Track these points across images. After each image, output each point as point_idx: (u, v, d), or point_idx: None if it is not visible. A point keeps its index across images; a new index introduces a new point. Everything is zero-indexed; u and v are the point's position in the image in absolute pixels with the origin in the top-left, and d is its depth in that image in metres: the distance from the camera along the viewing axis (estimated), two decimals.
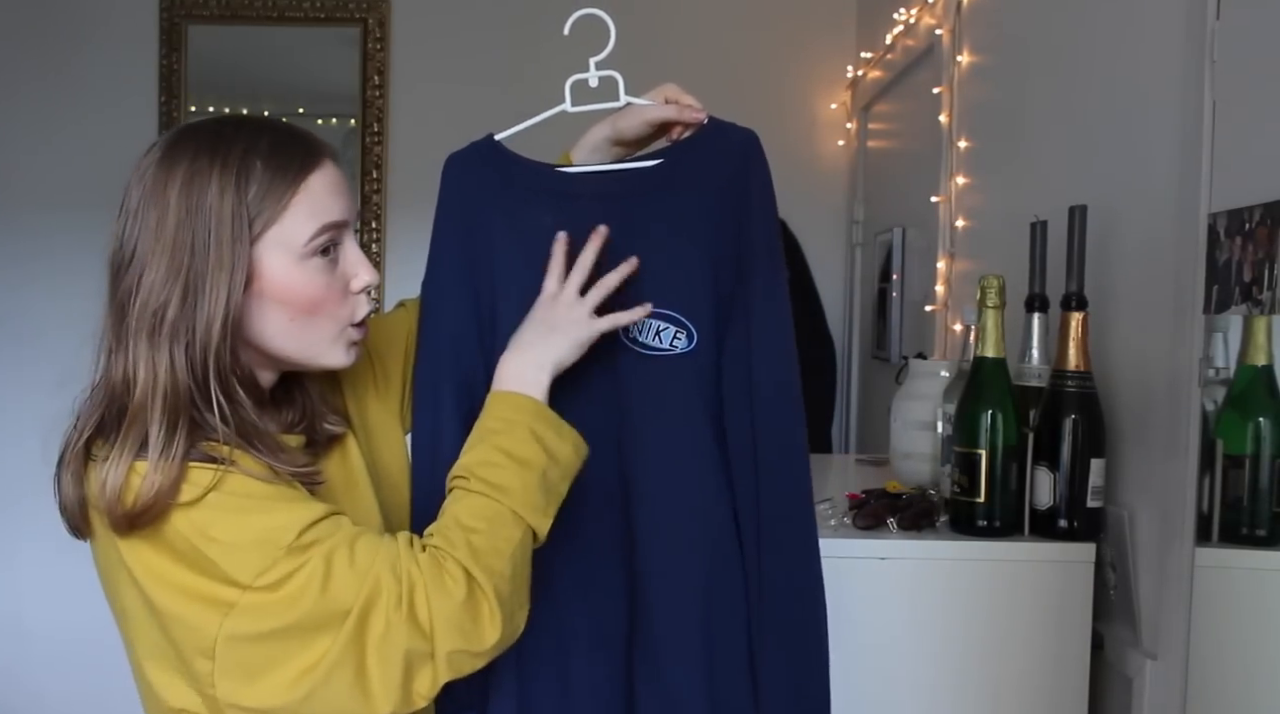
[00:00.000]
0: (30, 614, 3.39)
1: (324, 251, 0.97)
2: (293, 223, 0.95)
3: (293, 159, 0.96)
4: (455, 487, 0.97)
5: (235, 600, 0.87)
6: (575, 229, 1.06)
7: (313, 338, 0.98)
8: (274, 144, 0.96)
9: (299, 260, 0.95)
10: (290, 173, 0.95)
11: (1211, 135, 1.15)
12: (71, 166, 3.36)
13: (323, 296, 0.97)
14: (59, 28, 3.35)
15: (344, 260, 0.99)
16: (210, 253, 0.92)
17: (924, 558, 1.34)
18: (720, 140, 1.10)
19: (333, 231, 0.97)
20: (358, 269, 0.99)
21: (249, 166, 0.93)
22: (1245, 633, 1.12)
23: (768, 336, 1.08)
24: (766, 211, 1.10)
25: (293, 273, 0.95)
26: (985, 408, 1.36)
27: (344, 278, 0.99)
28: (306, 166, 0.96)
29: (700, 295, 1.07)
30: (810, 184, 3.34)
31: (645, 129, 1.15)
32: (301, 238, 0.95)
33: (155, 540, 0.89)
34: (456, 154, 1.13)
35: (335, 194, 0.98)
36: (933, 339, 2.25)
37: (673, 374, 1.07)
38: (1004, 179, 1.94)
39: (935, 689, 1.34)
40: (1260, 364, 1.08)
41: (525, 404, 0.98)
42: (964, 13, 2.15)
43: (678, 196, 1.08)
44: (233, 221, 0.92)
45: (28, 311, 3.38)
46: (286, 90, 3.41)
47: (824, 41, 3.33)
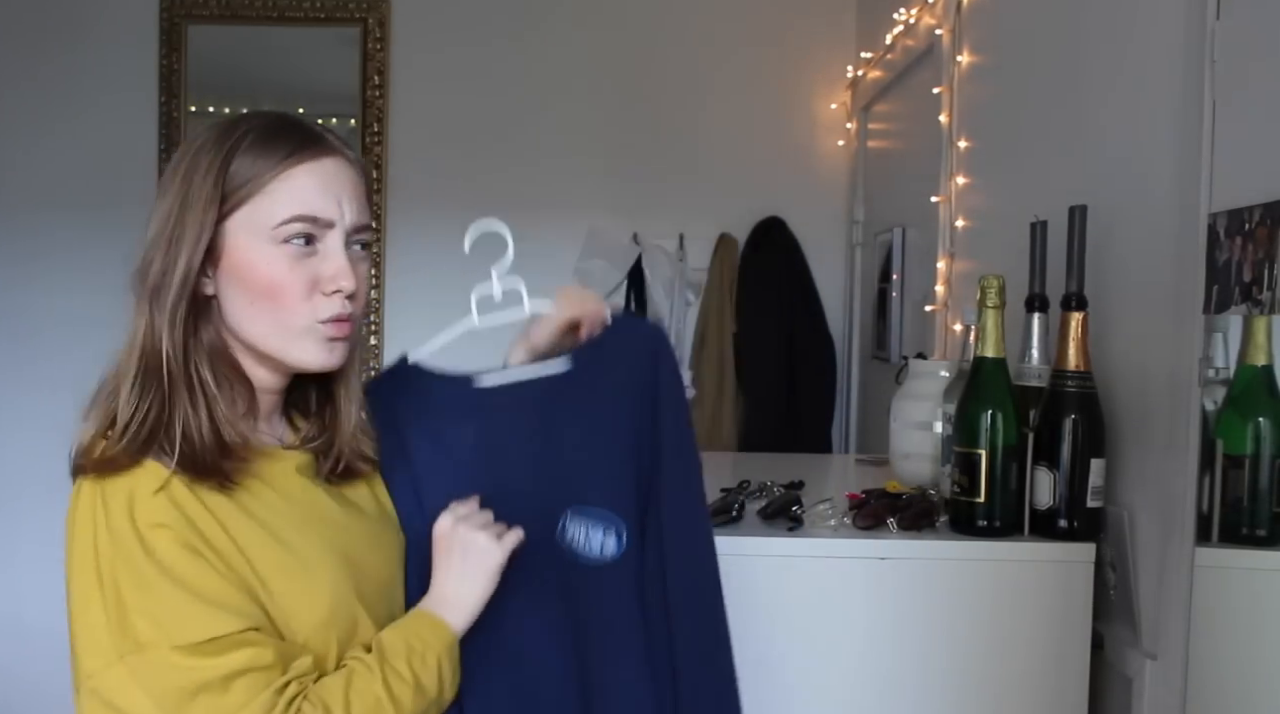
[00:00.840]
0: (30, 614, 3.39)
1: (302, 242, 0.97)
2: (267, 205, 0.97)
3: (283, 145, 0.98)
4: (365, 661, 0.97)
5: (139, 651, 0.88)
6: (497, 439, 1.10)
7: (276, 327, 0.98)
8: (271, 129, 0.98)
9: (265, 243, 0.96)
10: (276, 157, 0.97)
11: (1211, 135, 1.15)
12: (71, 166, 3.36)
13: (282, 283, 0.97)
14: (59, 28, 3.35)
15: (325, 260, 0.99)
16: (185, 221, 0.96)
17: (924, 558, 1.34)
18: (627, 336, 1.14)
19: (308, 224, 0.97)
20: (334, 272, 0.98)
21: (238, 146, 0.97)
22: (1245, 633, 1.12)
23: (683, 532, 1.11)
24: (676, 402, 1.13)
25: (254, 253, 0.97)
26: (985, 408, 1.36)
27: (316, 274, 0.98)
28: (297, 156, 0.97)
29: (624, 490, 1.09)
30: (810, 184, 3.34)
31: (556, 336, 1.16)
32: (271, 221, 0.96)
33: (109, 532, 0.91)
34: (375, 382, 1.14)
35: (325, 191, 0.98)
36: (933, 339, 2.25)
37: (608, 584, 1.08)
38: (1004, 179, 1.94)
39: (935, 689, 1.34)
40: (1260, 364, 1.08)
41: (446, 636, 1.00)
42: (964, 13, 2.15)
43: (592, 396, 1.11)
44: (210, 192, 0.95)
45: (26, 311, 3.38)
46: (286, 90, 3.41)
47: (824, 41, 3.33)
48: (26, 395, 3.39)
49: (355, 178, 1.03)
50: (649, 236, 3.33)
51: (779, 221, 3.31)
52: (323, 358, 1.00)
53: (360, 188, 1.03)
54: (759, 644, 1.32)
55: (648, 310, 3.33)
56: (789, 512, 1.40)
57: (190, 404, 0.95)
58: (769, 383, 3.24)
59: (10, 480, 3.39)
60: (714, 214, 3.33)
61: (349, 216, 1.00)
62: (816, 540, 1.35)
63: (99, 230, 3.38)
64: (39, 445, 3.36)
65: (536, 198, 3.23)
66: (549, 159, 3.33)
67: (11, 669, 3.37)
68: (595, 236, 3.33)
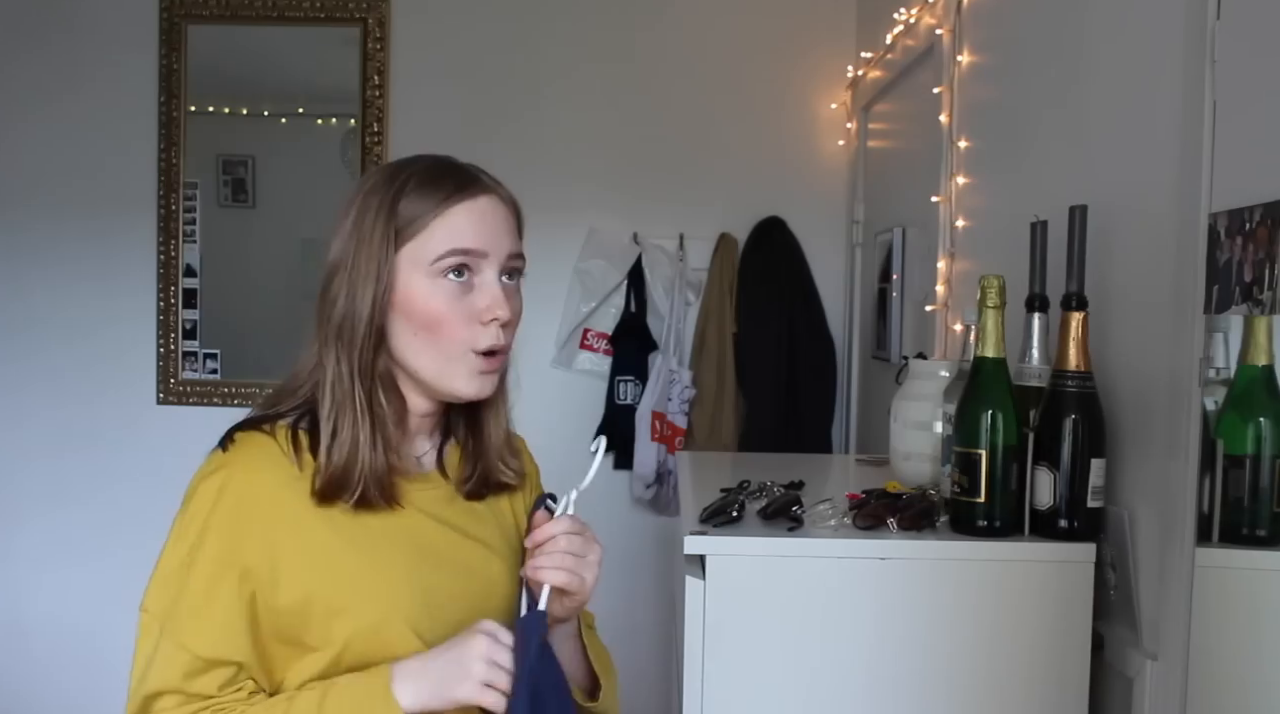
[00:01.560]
0: (30, 614, 3.39)
1: (457, 274, 1.05)
2: (428, 241, 1.05)
3: (443, 187, 1.06)
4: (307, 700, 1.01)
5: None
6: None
7: (437, 358, 1.06)
8: (432, 172, 1.08)
9: (425, 277, 1.05)
10: (437, 197, 1.06)
11: (1211, 135, 1.15)
12: (71, 166, 3.37)
13: (442, 316, 1.05)
14: (59, 28, 3.35)
15: (479, 291, 1.06)
16: (360, 259, 1.05)
17: (924, 558, 1.34)
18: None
19: (463, 256, 1.05)
20: (489, 302, 1.06)
21: (404, 188, 1.06)
22: (1245, 633, 1.12)
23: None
24: None
25: (418, 287, 1.05)
26: (985, 408, 1.36)
27: (473, 306, 1.06)
28: (455, 196, 1.06)
29: None
30: (810, 184, 3.34)
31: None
32: (430, 256, 1.05)
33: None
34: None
35: (478, 227, 1.06)
36: (933, 339, 2.25)
37: None
38: (1004, 179, 1.94)
39: (935, 689, 1.34)
40: (1261, 364, 1.08)
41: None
42: (964, 13, 2.15)
43: None
44: (383, 232, 1.05)
45: (26, 312, 3.39)
46: (286, 90, 3.41)
47: (824, 41, 3.33)
48: (28, 398, 3.39)
49: (507, 213, 1.11)
50: (649, 236, 3.33)
51: (779, 221, 3.31)
52: (474, 388, 1.08)
53: (511, 223, 1.11)
54: (758, 644, 1.32)
55: (648, 310, 3.34)
56: (789, 512, 1.40)
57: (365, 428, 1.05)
58: (769, 383, 3.24)
59: (11, 481, 3.39)
60: (714, 214, 3.33)
61: (502, 248, 1.08)
62: (816, 540, 1.35)
63: (100, 230, 3.38)
64: (39, 445, 3.37)
65: (536, 197, 3.20)
66: (549, 159, 3.33)
67: (12, 669, 3.37)
68: (595, 236, 3.34)
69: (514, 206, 1.13)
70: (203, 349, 3.40)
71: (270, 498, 1.04)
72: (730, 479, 1.64)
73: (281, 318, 3.43)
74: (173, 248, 3.37)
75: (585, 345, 3.38)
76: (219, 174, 3.40)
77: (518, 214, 1.14)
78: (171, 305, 3.38)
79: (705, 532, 1.35)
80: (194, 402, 3.39)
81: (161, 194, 3.36)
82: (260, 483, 1.05)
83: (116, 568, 3.32)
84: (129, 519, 3.32)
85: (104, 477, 3.35)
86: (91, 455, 3.36)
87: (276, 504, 1.04)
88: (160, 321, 3.39)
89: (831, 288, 3.33)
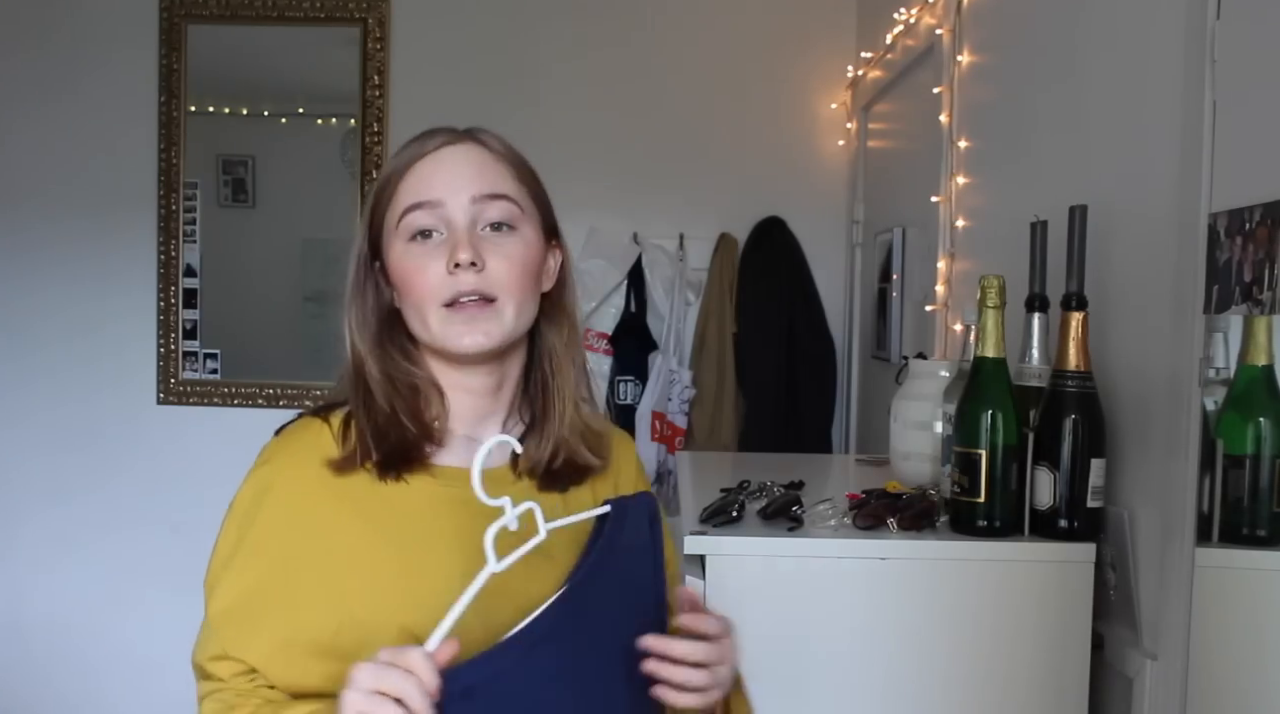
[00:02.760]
0: (29, 613, 3.39)
1: (424, 236, 1.00)
2: (393, 204, 1.02)
3: (412, 149, 1.02)
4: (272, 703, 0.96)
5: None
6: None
7: (418, 318, 1.01)
8: (408, 142, 1.04)
9: (399, 241, 1.01)
10: (403, 159, 1.02)
11: (1211, 135, 1.15)
12: (71, 166, 3.36)
13: (408, 274, 1.00)
14: (59, 28, 3.35)
15: (445, 243, 0.99)
16: (357, 237, 1.04)
17: (924, 558, 1.34)
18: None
19: (418, 211, 1.00)
20: (450, 248, 0.98)
21: (391, 160, 1.04)
22: (1245, 633, 1.12)
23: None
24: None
25: (393, 252, 1.02)
26: (985, 408, 1.36)
27: (440, 259, 0.98)
28: (417, 155, 1.01)
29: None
30: (810, 184, 3.34)
31: None
32: (395, 218, 1.01)
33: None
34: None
35: (432, 178, 1.00)
36: (933, 339, 2.25)
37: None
38: (1004, 179, 1.94)
39: (935, 689, 1.34)
40: (1261, 364, 1.08)
41: None
42: (964, 13, 2.15)
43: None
44: (371, 203, 1.04)
45: (27, 311, 3.39)
46: (286, 90, 3.41)
47: (824, 41, 3.33)
48: (28, 398, 3.39)
49: (481, 158, 1.02)
50: (649, 236, 3.33)
51: (779, 221, 3.31)
52: (456, 339, 0.99)
53: (488, 166, 1.02)
54: (758, 644, 1.32)
55: (648, 310, 3.34)
56: (789, 512, 1.40)
57: (379, 400, 1.01)
58: (769, 383, 3.24)
59: (11, 481, 3.39)
60: (714, 214, 3.33)
61: (463, 192, 0.99)
62: (816, 540, 1.35)
63: (100, 230, 3.38)
64: (39, 445, 3.37)
65: None
66: (549, 158, 3.28)
67: (12, 669, 3.37)
68: (595, 236, 3.33)
69: (506, 156, 1.04)
70: (203, 349, 3.40)
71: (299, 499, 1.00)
72: (730, 479, 1.64)
73: (281, 318, 3.43)
74: (173, 248, 3.37)
75: (585, 345, 3.37)
76: (219, 174, 3.39)
77: (507, 158, 1.04)
78: (171, 305, 3.38)
79: (705, 532, 1.35)
80: (194, 401, 3.39)
81: (161, 194, 3.36)
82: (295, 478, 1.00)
83: (116, 567, 3.33)
84: (129, 519, 3.32)
85: (104, 476, 3.35)
86: (91, 455, 3.36)
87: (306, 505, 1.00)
88: (160, 321, 3.39)
89: (831, 288, 3.33)
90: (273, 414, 2.00)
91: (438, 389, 1.04)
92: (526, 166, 1.07)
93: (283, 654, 0.97)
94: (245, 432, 1.55)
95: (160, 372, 3.39)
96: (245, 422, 3.28)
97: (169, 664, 3.28)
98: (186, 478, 3.28)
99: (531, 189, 1.06)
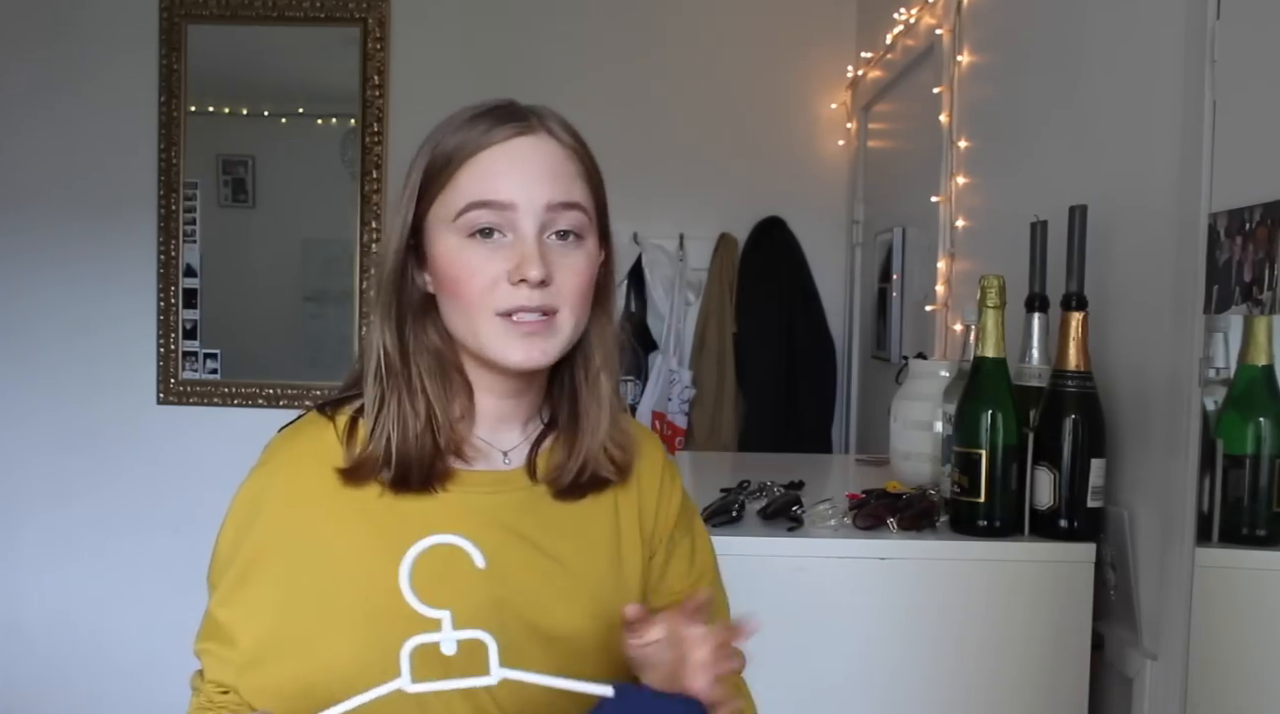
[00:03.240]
0: (30, 613, 3.39)
1: (485, 234, 0.91)
2: (452, 194, 0.93)
3: (475, 130, 0.94)
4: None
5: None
6: None
7: (466, 322, 0.93)
8: (472, 116, 0.96)
9: (453, 234, 0.92)
10: (467, 146, 0.93)
11: (1211, 135, 1.15)
12: (71, 166, 3.37)
13: (462, 275, 0.92)
14: (60, 28, 3.35)
15: (510, 248, 0.91)
16: (395, 216, 0.96)
17: (924, 558, 1.34)
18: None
19: (484, 209, 0.91)
20: (519, 260, 0.90)
21: (442, 137, 0.95)
22: (1245, 633, 1.12)
23: None
24: None
25: (443, 246, 0.93)
26: (985, 408, 1.36)
27: (502, 265, 0.91)
28: (483, 141, 0.93)
29: None
30: (810, 184, 3.34)
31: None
32: (453, 210, 0.92)
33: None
34: None
35: (505, 175, 0.92)
36: (933, 339, 2.25)
37: None
38: (1004, 179, 1.94)
39: (935, 689, 1.34)
40: (1260, 364, 1.08)
41: None
42: (964, 13, 2.15)
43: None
44: (414, 185, 0.95)
45: (27, 311, 3.39)
46: (286, 90, 3.41)
47: (824, 41, 3.33)
48: (29, 399, 3.39)
49: (558, 156, 0.95)
50: (649, 236, 3.33)
51: (779, 221, 3.31)
52: (518, 355, 0.92)
53: (565, 167, 0.95)
54: (758, 644, 1.32)
55: (648, 310, 3.34)
56: (789, 512, 1.40)
57: (410, 404, 0.93)
58: (769, 383, 3.24)
59: (11, 482, 3.39)
60: (714, 214, 3.33)
61: (538, 198, 0.92)
62: (816, 540, 1.35)
63: (100, 230, 3.38)
64: (39, 445, 3.37)
65: None
66: None
67: (12, 669, 3.37)
68: None
69: (578, 152, 0.97)
70: (203, 349, 3.40)
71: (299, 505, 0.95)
72: (730, 479, 1.64)
73: (281, 318, 3.43)
74: (173, 248, 3.37)
75: None
76: (219, 174, 3.40)
77: (578, 155, 0.98)
78: (172, 305, 3.38)
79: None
80: (194, 401, 3.39)
81: (161, 194, 3.36)
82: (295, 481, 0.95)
83: (116, 567, 3.33)
84: (129, 519, 3.32)
85: (104, 476, 3.35)
86: (92, 455, 3.36)
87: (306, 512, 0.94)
88: (160, 321, 3.39)
89: (831, 288, 3.33)
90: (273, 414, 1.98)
91: (468, 389, 0.98)
92: (593, 162, 1.01)
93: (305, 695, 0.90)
94: (245, 432, 1.56)
95: (160, 372, 3.39)
96: (245, 422, 3.28)
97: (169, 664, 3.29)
98: (186, 478, 3.29)
99: (596, 192, 1.00)
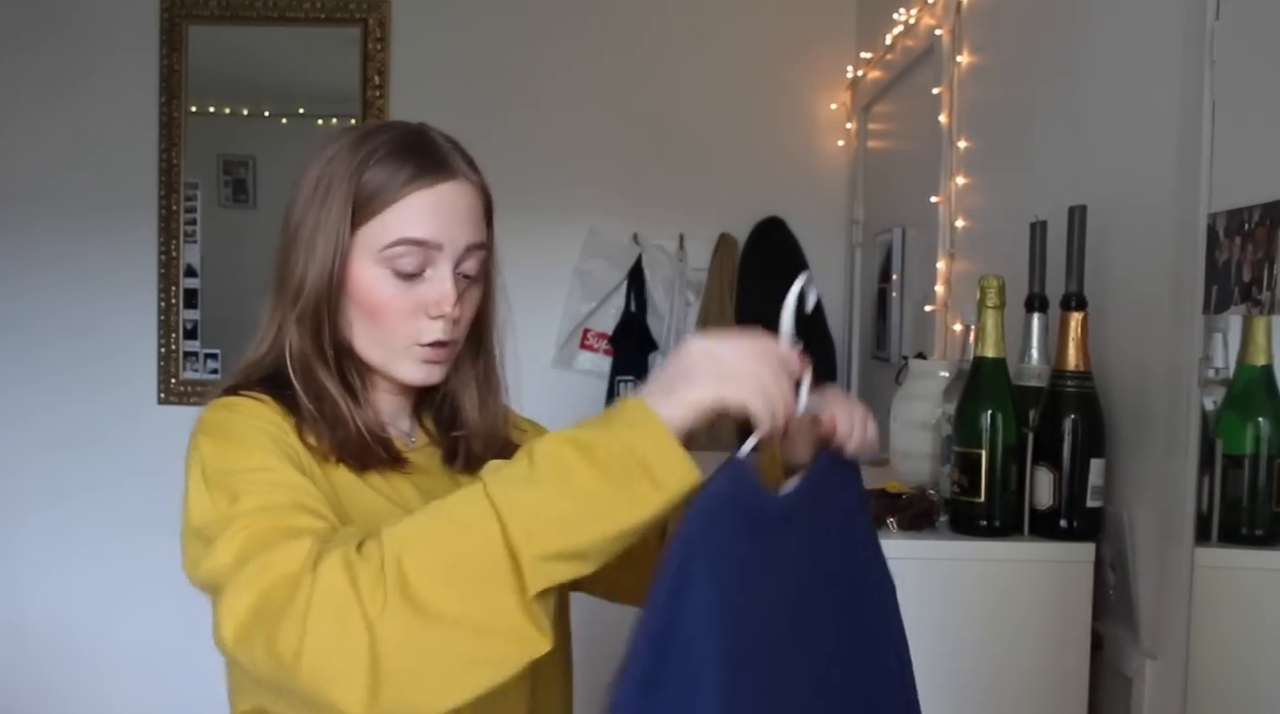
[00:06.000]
0: (30, 614, 3.39)
1: (407, 266, 0.99)
2: (381, 226, 0.99)
3: (406, 167, 0.99)
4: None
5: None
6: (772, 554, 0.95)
7: (380, 346, 1.02)
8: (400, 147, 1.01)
9: (375, 264, 0.99)
10: (398, 179, 0.99)
11: (1211, 135, 1.16)
12: (71, 166, 3.37)
13: (386, 305, 1.00)
14: (59, 28, 3.36)
15: (429, 283, 1.00)
16: (321, 227, 0.99)
17: (924, 558, 1.34)
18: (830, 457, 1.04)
19: (413, 246, 0.98)
20: (439, 296, 1.00)
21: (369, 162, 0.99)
22: (1245, 633, 1.12)
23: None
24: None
25: (366, 273, 1.00)
26: (985, 408, 1.37)
27: (422, 298, 1.00)
28: (415, 181, 0.99)
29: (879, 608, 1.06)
30: (810, 184, 3.34)
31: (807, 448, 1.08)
32: (381, 242, 0.99)
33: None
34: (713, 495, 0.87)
35: (433, 217, 0.99)
36: (933, 339, 2.25)
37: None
38: (1004, 179, 1.94)
39: (935, 689, 1.34)
40: (1260, 364, 1.08)
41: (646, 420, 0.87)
42: (964, 13, 2.15)
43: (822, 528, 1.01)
44: (343, 203, 0.99)
45: (27, 311, 3.39)
46: (286, 90, 3.41)
47: (824, 41, 3.33)
48: (29, 398, 3.39)
49: (472, 201, 1.03)
50: (649, 237, 3.33)
51: (779, 221, 3.31)
52: (420, 376, 1.03)
53: (477, 211, 1.04)
54: None
55: (648, 310, 3.34)
56: None
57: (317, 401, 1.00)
58: None
59: (11, 482, 3.39)
60: (714, 214, 3.33)
61: (459, 240, 1.01)
62: None
63: (100, 230, 3.38)
64: (39, 445, 3.37)
65: (536, 198, 3.24)
66: (549, 159, 3.33)
67: (12, 669, 3.37)
68: (595, 236, 3.34)
69: (483, 191, 1.06)
70: (203, 349, 3.40)
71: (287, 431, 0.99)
72: None
73: None
74: (173, 248, 3.37)
75: (585, 345, 3.38)
76: (219, 174, 3.40)
77: (486, 200, 1.07)
78: (172, 305, 3.38)
79: None
80: (195, 401, 3.39)
81: (162, 194, 3.36)
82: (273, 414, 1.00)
83: (117, 568, 3.33)
84: (129, 519, 3.32)
85: (105, 476, 3.35)
86: (92, 455, 3.36)
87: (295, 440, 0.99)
88: (161, 321, 3.39)
89: (831, 288, 3.33)
90: None
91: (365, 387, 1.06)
92: (488, 190, 1.08)
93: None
94: None
95: (161, 372, 3.39)
96: None
97: (170, 664, 3.30)
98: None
99: (490, 223, 1.08)
